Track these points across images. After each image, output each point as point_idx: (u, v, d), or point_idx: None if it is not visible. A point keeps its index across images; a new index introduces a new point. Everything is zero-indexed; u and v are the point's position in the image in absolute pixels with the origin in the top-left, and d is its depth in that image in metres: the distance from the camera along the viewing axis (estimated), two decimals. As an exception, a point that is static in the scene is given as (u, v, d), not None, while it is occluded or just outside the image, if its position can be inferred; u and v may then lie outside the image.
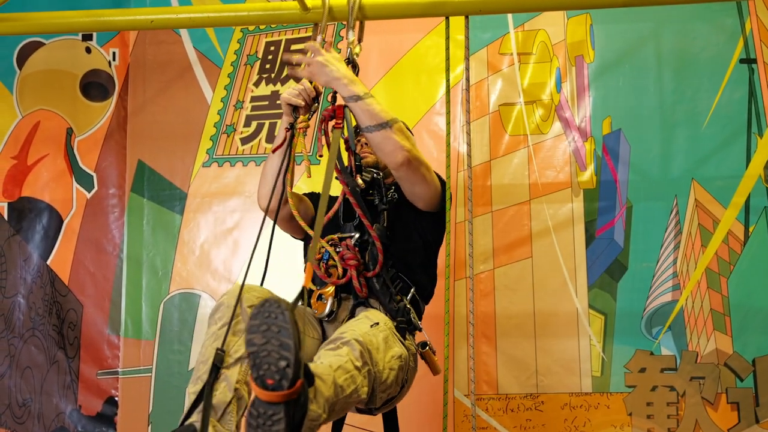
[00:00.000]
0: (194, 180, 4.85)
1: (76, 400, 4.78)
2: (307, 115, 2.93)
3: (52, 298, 4.84)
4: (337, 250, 2.93)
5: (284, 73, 4.81)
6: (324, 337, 2.90)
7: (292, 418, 2.01)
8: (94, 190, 4.91)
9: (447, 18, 3.52)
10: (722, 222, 4.33)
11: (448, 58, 3.48)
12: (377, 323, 2.70)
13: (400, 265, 3.01)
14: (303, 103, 2.91)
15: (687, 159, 4.40)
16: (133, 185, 4.90)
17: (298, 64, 2.94)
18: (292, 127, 2.90)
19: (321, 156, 2.97)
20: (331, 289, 2.91)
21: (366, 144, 3.15)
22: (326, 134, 2.94)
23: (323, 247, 2.93)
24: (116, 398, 4.76)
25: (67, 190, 4.93)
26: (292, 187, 2.95)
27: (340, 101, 2.93)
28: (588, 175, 4.47)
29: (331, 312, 2.90)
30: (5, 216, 4.92)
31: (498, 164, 4.51)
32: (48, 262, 4.87)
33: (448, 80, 3.48)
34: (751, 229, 4.31)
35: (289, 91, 2.94)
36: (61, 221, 4.90)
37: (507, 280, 4.46)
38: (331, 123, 2.93)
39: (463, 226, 4.35)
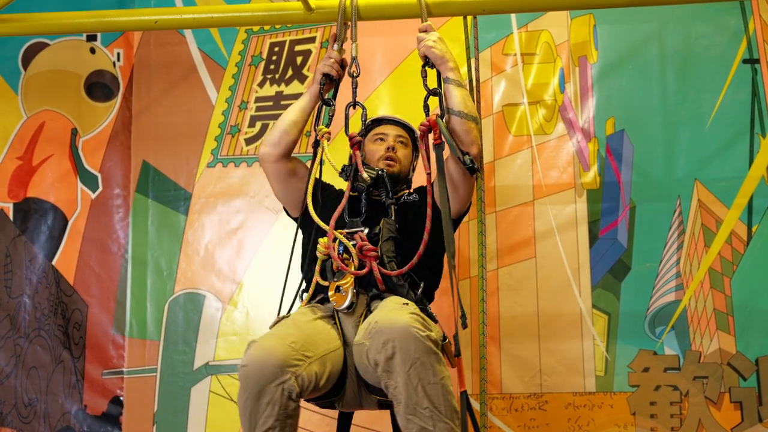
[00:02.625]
0: (199, 180, 4.86)
1: (82, 399, 4.79)
2: (326, 123, 3.17)
3: (58, 298, 4.85)
4: (353, 243, 2.92)
5: (288, 74, 4.83)
6: (342, 332, 2.87)
7: None
8: (98, 191, 4.92)
9: (465, 17, 3.58)
10: (725, 222, 4.33)
11: (468, 58, 3.52)
12: (406, 303, 2.72)
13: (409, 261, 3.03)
14: (336, 74, 3.20)
15: (690, 159, 4.41)
16: (138, 185, 4.91)
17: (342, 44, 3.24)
18: (316, 143, 3.11)
19: (430, 174, 3.01)
20: (350, 279, 2.88)
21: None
22: (427, 149, 3.03)
23: (337, 239, 2.92)
24: (121, 398, 4.77)
25: (71, 190, 4.94)
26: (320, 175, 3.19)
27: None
28: (591, 175, 4.48)
29: (351, 303, 2.87)
30: (11, 216, 4.93)
31: (502, 165, 4.52)
32: (53, 263, 4.88)
33: (470, 79, 3.52)
34: (753, 229, 4.32)
35: (326, 62, 3.19)
36: (66, 221, 4.91)
37: (511, 280, 4.46)
38: (431, 137, 3.01)
39: (467, 226, 4.37)
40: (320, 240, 2.96)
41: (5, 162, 4.96)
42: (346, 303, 2.87)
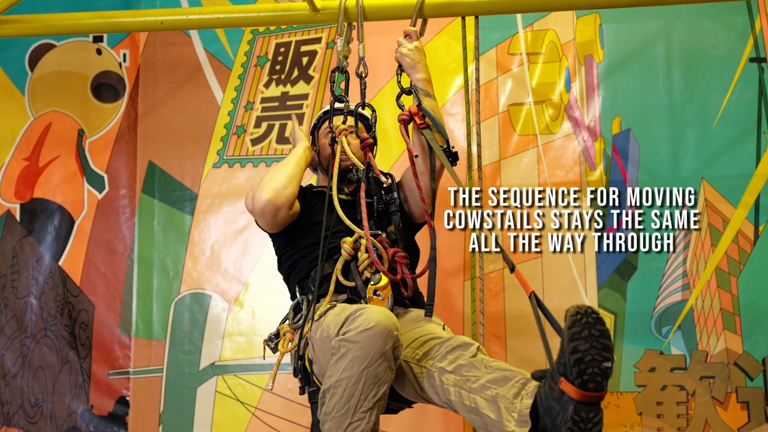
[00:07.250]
0: (204, 181, 4.86)
1: (88, 400, 4.80)
2: (345, 121, 3.19)
3: (64, 298, 4.86)
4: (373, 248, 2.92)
5: (294, 75, 4.83)
6: None
7: None
8: (105, 191, 4.94)
9: (463, 18, 3.58)
10: (732, 221, 4.32)
11: (465, 58, 3.53)
12: (444, 326, 2.84)
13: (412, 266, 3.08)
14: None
15: (697, 158, 4.39)
16: (144, 186, 4.92)
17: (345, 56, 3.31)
18: (333, 140, 3.15)
19: (417, 156, 3.03)
20: (387, 284, 2.87)
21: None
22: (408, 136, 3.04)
23: (361, 240, 2.94)
24: (127, 398, 4.78)
25: (78, 191, 4.95)
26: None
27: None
28: (597, 174, 4.47)
29: (391, 308, 2.86)
30: (17, 217, 4.94)
31: (507, 164, 4.51)
32: (60, 263, 4.90)
33: (466, 80, 3.52)
34: (761, 229, 4.30)
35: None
36: (73, 222, 4.92)
37: (517, 279, 4.44)
38: (410, 126, 3.05)
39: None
40: (346, 239, 2.96)
41: (12, 163, 4.97)
42: (387, 307, 2.84)
